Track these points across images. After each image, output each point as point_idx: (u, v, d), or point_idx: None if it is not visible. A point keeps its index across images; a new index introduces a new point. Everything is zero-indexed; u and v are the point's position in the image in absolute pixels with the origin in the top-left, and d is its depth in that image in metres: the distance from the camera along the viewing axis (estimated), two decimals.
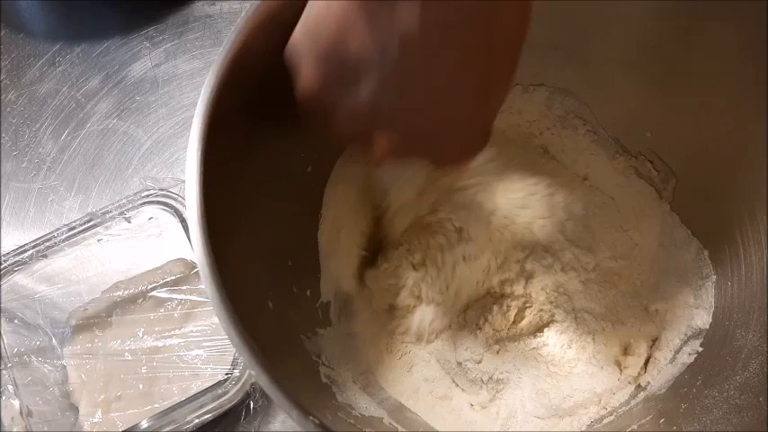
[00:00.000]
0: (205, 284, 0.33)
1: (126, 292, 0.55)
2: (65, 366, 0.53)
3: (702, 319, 0.46)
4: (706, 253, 0.47)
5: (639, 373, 0.47)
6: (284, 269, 0.44)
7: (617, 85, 0.48)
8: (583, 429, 0.45)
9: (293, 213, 0.46)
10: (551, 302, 0.49)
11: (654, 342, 0.48)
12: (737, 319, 0.43)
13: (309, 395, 0.37)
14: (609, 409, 0.46)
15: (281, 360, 0.36)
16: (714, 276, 0.46)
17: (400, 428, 0.43)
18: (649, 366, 0.47)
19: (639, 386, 0.47)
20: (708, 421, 0.39)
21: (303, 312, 0.45)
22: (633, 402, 0.46)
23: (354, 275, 0.50)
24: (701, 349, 0.45)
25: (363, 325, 0.49)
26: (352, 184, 0.50)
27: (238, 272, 0.36)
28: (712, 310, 0.46)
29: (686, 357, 0.45)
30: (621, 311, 0.49)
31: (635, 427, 0.43)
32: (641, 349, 0.47)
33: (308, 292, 0.47)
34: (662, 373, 0.46)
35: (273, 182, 0.44)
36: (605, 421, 0.46)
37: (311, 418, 0.32)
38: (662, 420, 0.42)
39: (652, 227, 0.50)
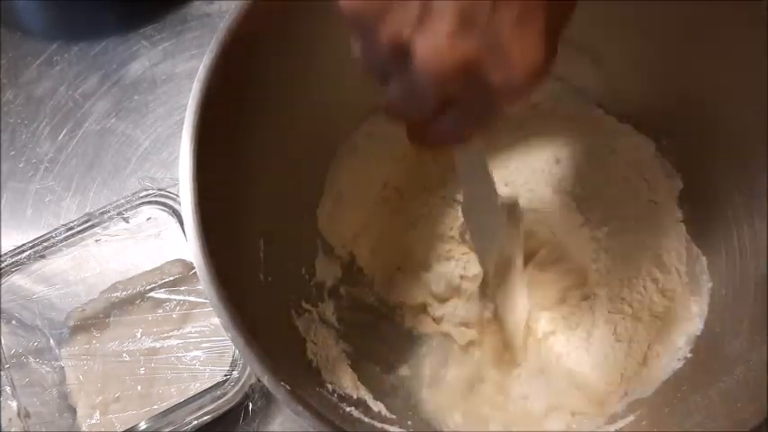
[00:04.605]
0: (201, 278, 0.33)
1: (124, 293, 0.55)
2: (63, 367, 0.53)
3: (695, 326, 0.46)
4: (704, 260, 0.47)
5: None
6: (281, 247, 0.44)
7: (627, 81, 0.48)
8: (564, 429, 0.45)
9: (292, 195, 0.47)
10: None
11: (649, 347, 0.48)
12: (728, 327, 0.43)
13: (292, 369, 0.37)
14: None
15: (267, 333, 0.36)
16: (710, 284, 0.46)
17: (384, 411, 0.43)
18: (644, 372, 0.47)
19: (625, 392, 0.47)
20: (687, 425, 0.39)
21: (296, 289, 0.46)
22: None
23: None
24: (690, 355, 0.45)
25: None
26: (357, 168, 0.51)
27: (234, 261, 0.36)
28: (705, 317, 0.46)
29: (675, 363, 0.45)
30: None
31: (617, 427, 0.43)
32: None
33: (303, 270, 0.47)
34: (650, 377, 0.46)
35: (271, 173, 0.44)
36: (587, 420, 0.46)
37: (282, 383, 0.32)
38: (644, 422, 0.42)
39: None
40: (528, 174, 0.53)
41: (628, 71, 0.48)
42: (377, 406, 0.43)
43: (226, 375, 0.48)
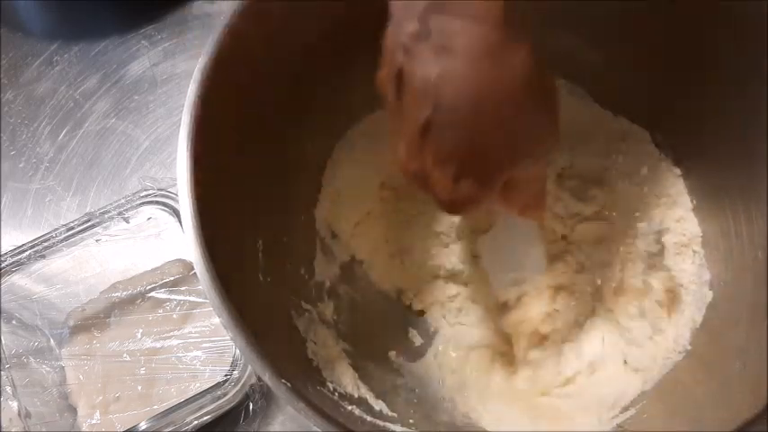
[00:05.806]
0: (201, 279, 0.33)
1: (124, 293, 0.55)
2: (63, 367, 0.53)
3: (694, 318, 0.46)
4: (702, 252, 0.47)
5: None
6: (279, 248, 0.45)
7: (627, 78, 0.48)
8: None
9: (290, 195, 0.47)
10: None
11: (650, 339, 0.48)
12: (727, 319, 0.43)
13: (293, 368, 0.37)
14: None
15: (267, 333, 0.36)
16: (709, 276, 0.46)
17: (385, 409, 0.43)
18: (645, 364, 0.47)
19: None
20: (687, 416, 0.39)
21: (295, 289, 0.46)
22: None
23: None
24: (689, 347, 0.45)
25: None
26: (355, 166, 0.51)
27: (234, 261, 0.36)
28: (704, 309, 0.45)
29: (675, 355, 0.45)
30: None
31: (618, 420, 0.43)
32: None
33: (303, 270, 0.47)
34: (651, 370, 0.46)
35: (269, 172, 0.44)
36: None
37: (283, 381, 0.32)
38: (645, 415, 0.42)
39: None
40: None
41: (628, 68, 0.48)
42: (378, 404, 0.43)
43: (226, 375, 0.48)
